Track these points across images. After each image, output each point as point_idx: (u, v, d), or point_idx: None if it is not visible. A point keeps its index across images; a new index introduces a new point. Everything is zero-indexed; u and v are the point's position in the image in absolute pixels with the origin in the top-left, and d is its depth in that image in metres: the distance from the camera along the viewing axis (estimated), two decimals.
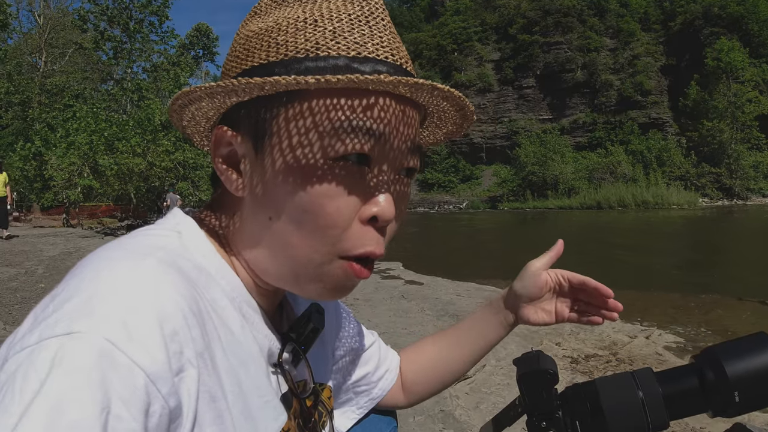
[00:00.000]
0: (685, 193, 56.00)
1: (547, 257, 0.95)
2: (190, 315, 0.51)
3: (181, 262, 0.56)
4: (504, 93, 78.78)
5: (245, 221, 0.62)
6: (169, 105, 0.63)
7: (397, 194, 0.61)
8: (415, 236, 23.24)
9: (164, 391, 0.45)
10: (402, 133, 0.59)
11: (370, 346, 0.99)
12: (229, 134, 0.61)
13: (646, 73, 69.63)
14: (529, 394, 0.74)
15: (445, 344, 1.04)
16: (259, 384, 0.61)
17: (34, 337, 0.44)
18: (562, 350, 4.14)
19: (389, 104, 0.57)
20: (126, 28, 28.43)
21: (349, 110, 0.55)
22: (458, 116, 0.66)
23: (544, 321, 0.95)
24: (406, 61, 0.62)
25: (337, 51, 0.57)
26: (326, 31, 0.57)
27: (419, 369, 1.04)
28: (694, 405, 0.65)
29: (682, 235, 21.87)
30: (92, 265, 0.52)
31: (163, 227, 0.63)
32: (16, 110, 30.93)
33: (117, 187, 20.83)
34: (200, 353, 0.51)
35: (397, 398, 1.03)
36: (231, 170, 0.62)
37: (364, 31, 0.58)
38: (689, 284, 9.04)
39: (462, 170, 75.05)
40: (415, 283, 6.67)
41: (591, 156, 66.68)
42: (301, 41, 0.58)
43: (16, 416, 0.39)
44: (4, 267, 8.08)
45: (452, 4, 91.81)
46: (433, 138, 0.75)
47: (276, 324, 0.70)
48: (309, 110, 0.56)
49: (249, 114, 0.59)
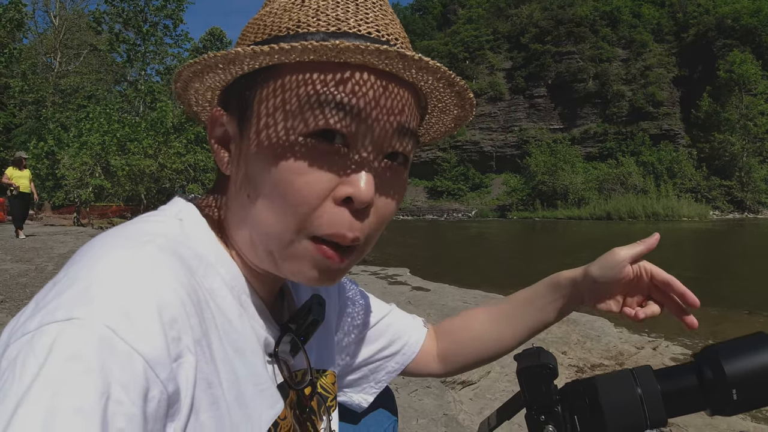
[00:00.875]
0: (695, 205, 55.53)
1: (637, 249, 0.85)
2: (188, 303, 0.51)
3: (181, 250, 0.56)
4: (515, 102, 78.70)
5: (231, 200, 0.63)
6: (173, 87, 0.65)
7: (381, 178, 0.59)
8: (422, 243, 23.22)
9: (163, 376, 0.46)
10: (385, 111, 0.56)
11: (383, 318, 0.98)
12: (221, 115, 0.62)
13: (658, 85, 69.33)
14: (529, 388, 0.74)
15: (494, 319, 0.99)
16: (256, 372, 0.61)
17: (34, 323, 0.44)
18: (568, 359, 4.13)
19: (366, 78, 0.55)
20: (140, 30, 28.69)
21: (321, 84, 0.54)
22: (455, 96, 0.64)
23: (609, 309, 0.88)
24: (396, 39, 0.59)
25: (317, 27, 0.56)
26: (310, 9, 0.57)
27: (463, 341, 1.00)
28: (693, 403, 0.65)
29: (692, 248, 21.71)
30: (93, 251, 0.52)
31: (164, 214, 0.63)
32: (30, 109, 31.29)
33: (128, 187, 21.01)
34: (198, 340, 0.51)
35: (431, 367, 1.02)
36: (223, 150, 0.63)
37: (349, 8, 0.57)
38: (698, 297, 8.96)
39: (471, 178, 74.91)
40: (422, 289, 6.66)
41: (601, 166, 66.35)
42: (284, 21, 0.58)
43: (15, 400, 0.39)
44: (15, 263, 8.16)
45: (465, 12, 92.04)
46: (443, 126, 0.72)
47: (276, 314, 0.70)
48: (281, 86, 0.56)
49: (236, 95, 0.60)
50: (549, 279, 0.94)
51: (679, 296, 0.83)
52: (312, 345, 0.73)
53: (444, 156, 76.74)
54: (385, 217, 0.62)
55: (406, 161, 0.62)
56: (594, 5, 77.97)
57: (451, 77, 0.59)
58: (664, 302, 0.86)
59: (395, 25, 0.61)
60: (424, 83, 0.60)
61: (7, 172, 12.32)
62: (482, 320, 1.00)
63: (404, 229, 36.41)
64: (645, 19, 75.81)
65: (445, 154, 76.90)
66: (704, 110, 62.65)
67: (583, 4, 78.49)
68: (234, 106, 0.61)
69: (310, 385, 0.72)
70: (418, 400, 2.81)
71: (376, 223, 0.61)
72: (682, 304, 0.84)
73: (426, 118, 0.70)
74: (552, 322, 0.94)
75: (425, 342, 1.01)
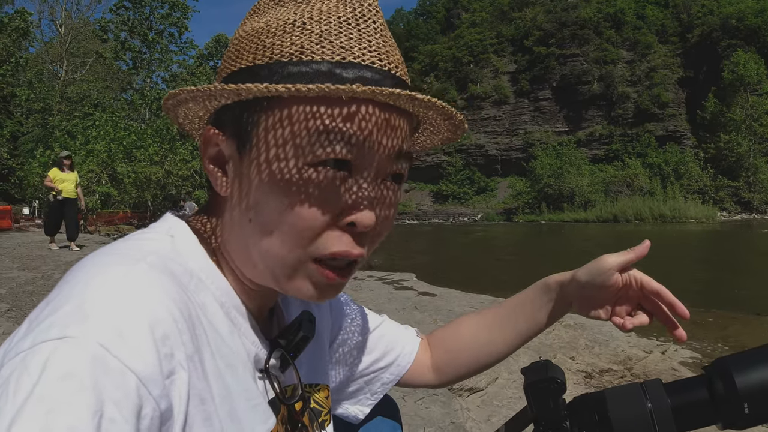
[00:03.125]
0: (702, 206, 55.30)
1: (626, 257, 0.84)
2: (180, 319, 0.52)
3: (172, 266, 0.57)
4: (520, 105, 78.67)
5: (230, 222, 0.63)
6: (162, 103, 0.64)
7: (381, 200, 0.60)
8: (428, 248, 23.18)
9: (155, 393, 0.46)
10: (386, 141, 0.58)
11: (374, 330, 0.97)
12: (216, 135, 0.62)
13: (663, 86, 69.20)
14: (537, 403, 0.73)
15: (486, 325, 0.98)
16: (247, 388, 0.61)
17: (27, 342, 0.45)
18: (576, 364, 4.09)
19: (371, 112, 0.56)
20: (146, 38, 28.87)
21: (328, 118, 0.55)
22: (449, 125, 0.65)
23: (598, 317, 0.87)
24: (396, 66, 0.60)
25: (321, 55, 0.56)
26: (313, 34, 0.57)
27: (455, 350, 1.00)
28: (704, 417, 0.64)
29: (700, 250, 21.58)
30: (85, 270, 0.53)
31: (155, 231, 0.64)
32: (37, 117, 31.52)
33: (134, 194, 21.12)
34: (190, 356, 0.52)
35: (425, 378, 1.01)
36: (218, 170, 0.63)
37: (352, 35, 0.57)
38: (707, 299, 8.89)
39: (477, 182, 74.87)
40: (428, 294, 6.64)
41: (607, 169, 66.21)
42: (286, 44, 0.57)
43: (9, 418, 0.39)
44: (22, 271, 8.19)
45: (468, 16, 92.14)
46: (429, 143, 0.73)
47: (266, 330, 0.71)
48: (288, 117, 0.56)
49: (234, 117, 0.60)
50: (539, 283, 0.94)
51: (669, 306, 0.82)
52: (302, 360, 0.73)
53: (449, 160, 76.76)
54: (383, 232, 0.63)
55: (401, 180, 0.63)
56: (598, 7, 77.93)
57: (451, 113, 0.61)
58: (654, 312, 0.84)
59: (395, 53, 0.61)
60: (425, 115, 0.62)
61: (50, 173, 11.07)
62: (473, 328, 0.99)
63: (410, 233, 36.37)
64: (649, 20, 75.70)
65: (451, 158, 76.91)
66: (710, 111, 62.48)
67: (586, 6, 78.47)
68: (230, 127, 0.60)
69: (301, 399, 0.72)
70: (424, 408, 2.79)
71: (374, 238, 0.62)
72: (672, 315, 0.82)
73: (415, 135, 0.71)
74: (544, 327, 0.94)
75: (419, 352, 1.01)
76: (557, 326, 4.95)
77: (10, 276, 7.66)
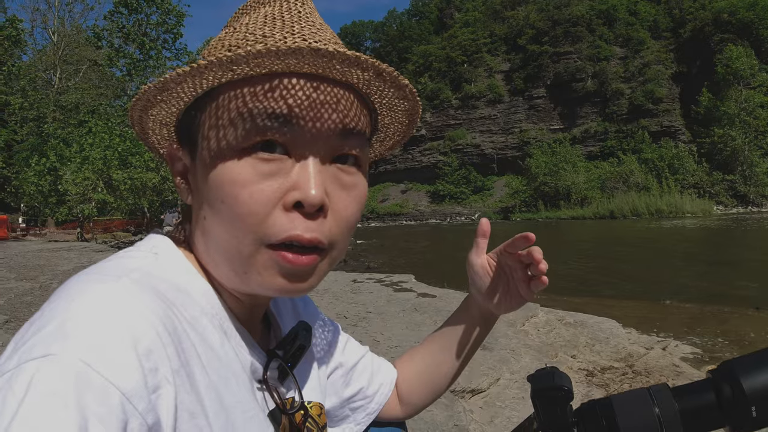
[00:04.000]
0: (699, 201, 55.38)
1: (477, 246, 0.93)
2: (164, 333, 0.51)
3: (155, 282, 0.57)
4: (514, 104, 78.81)
5: (194, 227, 0.64)
6: (133, 129, 0.67)
7: (332, 181, 0.59)
8: (426, 249, 23.16)
9: (141, 407, 0.46)
10: (320, 114, 0.57)
11: (361, 359, 0.98)
12: (175, 149, 0.65)
13: (657, 81, 69.37)
14: (544, 411, 0.73)
15: (433, 349, 1.03)
16: (242, 399, 0.61)
17: (13, 362, 0.45)
18: (578, 363, 4.09)
19: (295, 83, 0.56)
20: (141, 45, 28.80)
21: (251, 96, 0.56)
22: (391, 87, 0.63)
23: (511, 308, 0.92)
24: (325, 44, 0.57)
25: (244, 48, 0.56)
26: (239, 33, 0.60)
27: (413, 378, 1.03)
28: (711, 420, 0.63)
29: (697, 244, 21.62)
30: (68, 289, 0.53)
31: (139, 249, 0.64)
32: (31, 126, 31.38)
33: (131, 201, 21.04)
34: (176, 370, 0.51)
35: (394, 411, 1.02)
36: (183, 182, 0.65)
37: (275, 25, 0.59)
38: (705, 294, 8.91)
39: (473, 181, 74.95)
40: (428, 295, 6.63)
41: (603, 165, 66.33)
42: (218, 49, 0.61)
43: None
44: (20, 281, 8.16)
45: (461, 16, 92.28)
46: (400, 125, 0.74)
47: (263, 342, 0.72)
48: (217, 107, 0.58)
49: (185, 127, 0.63)
50: (462, 304, 1.01)
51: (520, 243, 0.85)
52: (297, 374, 0.73)
53: (445, 160, 76.83)
54: (347, 219, 0.61)
55: (358, 162, 0.62)
56: (590, 4, 78.13)
57: (377, 65, 0.58)
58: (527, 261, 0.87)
59: (324, 32, 0.61)
60: (357, 80, 0.60)
61: None
62: (424, 358, 1.03)
63: (407, 234, 36.37)
64: (641, 16, 75.91)
65: (446, 157, 76.99)
66: (704, 105, 62.64)
67: (579, 3, 78.63)
68: (185, 138, 0.63)
69: (301, 409, 0.72)
70: (427, 411, 2.79)
71: (338, 226, 0.60)
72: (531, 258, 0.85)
73: (378, 119, 0.71)
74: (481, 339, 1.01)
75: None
76: (558, 325, 4.96)
77: (8, 286, 7.63)
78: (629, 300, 8.53)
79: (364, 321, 5.17)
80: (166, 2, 28.67)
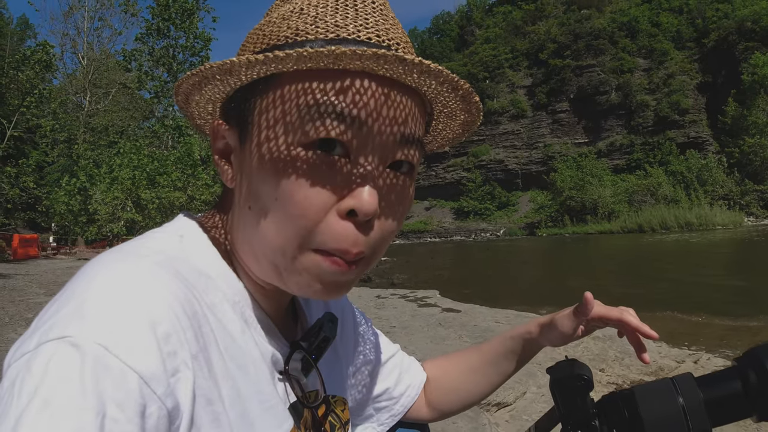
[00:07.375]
0: (729, 212, 54.08)
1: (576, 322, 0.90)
2: (183, 317, 0.51)
3: (178, 265, 0.55)
4: (538, 118, 78.31)
5: (235, 214, 0.62)
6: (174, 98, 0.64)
7: (385, 189, 0.57)
8: (451, 264, 23.06)
9: (159, 392, 0.45)
10: (387, 120, 0.55)
11: (390, 358, 0.97)
12: (221, 127, 0.62)
13: (682, 92, 68.28)
14: (563, 401, 0.71)
15: (473, 365, 1.00)
16: (261, 389, 0.59)
17: (33, 343, 0.45)
18: (606, 377, 4.02)
19: (367, 86, 0.53)
20: (170, 68, 29.44)
21: (320, 93, 0.53)
22: (460, 100, 0.61)
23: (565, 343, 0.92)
24: (397, 43, 0.57)
25: (315, 35, 0.54)
26: (308, 17, 0.56)
27: (446, 386, 1.01)
28: (738, 410, 0.62)
29: (728, 257, 21.12)
30: (90, 269, 0.52)
31: (165, 231, 0.63)
32: (62, 148, 32.21)
33: (159, 220, 21.37)
34: (195, 355, 0.51)
35: (420, 412, 1.00)
36: (225, 162, 0.62)
37: (348, 14, 0.56)
38: (738, 308, 8.69)
39: (498, 197, 74.35)
40: (452, 310, 6.59)
41: (630, 178, 65.29)
42: (283, 29, 0.57)
43: (14, 421, 0.40)
44: (49, 296, 8.26)
45: (482, 32, 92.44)
46: (450, 132, 0.71)
47: (289, 333, 0.70)
48: (281, 97, 0.55)
49: (235, 106, 0.60)
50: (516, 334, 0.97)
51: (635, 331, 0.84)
52: (322, 367, 0.71)
53: (469, 176, 76.51)
54: (391, 229, 0.59)
55: (411, 170, 0.60)
56: (611, 17, 77.61)
57: (455, 80, 0.57)
58: (626, 335, 0.88)
59: (396, 30, 0.59)
60: (428, 88, 0.58)
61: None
62: (462, 369, 1.02)
63: (432, 251, 36.22)
64: (664, 27, 75.07)
65: (470, 174, 76.67)
66: (731, 115, 61.42)
67: (600, 16, 78.20)
68: (234, 117, 0.60)
69: (324, 403, 0.71)
70: (451, 423, 2.76)
71: (381, 235, 0.58)
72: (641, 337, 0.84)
73: (433, 124, 0.68)
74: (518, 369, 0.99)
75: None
76: (585, 338, 4.87)
77: (37, 301, 7.81)
78: (659, 312, 8.37)
79: (388, 335, 5.13)
80: (194, 26, 29.28)
